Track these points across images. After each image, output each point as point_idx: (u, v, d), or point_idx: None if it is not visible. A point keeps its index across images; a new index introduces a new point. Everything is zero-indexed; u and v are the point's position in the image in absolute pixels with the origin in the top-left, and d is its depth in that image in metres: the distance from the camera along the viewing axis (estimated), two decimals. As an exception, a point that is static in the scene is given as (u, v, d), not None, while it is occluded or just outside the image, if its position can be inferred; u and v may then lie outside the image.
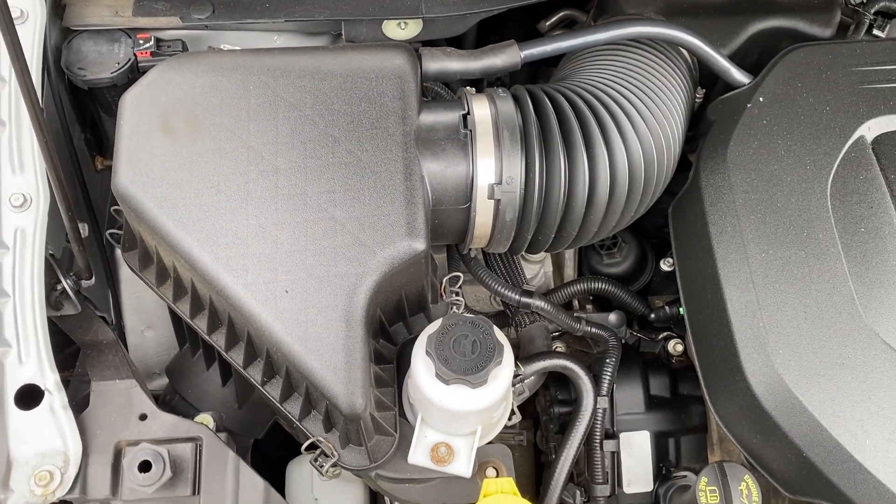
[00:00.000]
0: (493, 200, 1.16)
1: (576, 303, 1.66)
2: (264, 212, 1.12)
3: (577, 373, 1.36)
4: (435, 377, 1.07)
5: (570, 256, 1.72)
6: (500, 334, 1.14)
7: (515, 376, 1.34)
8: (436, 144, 1.16)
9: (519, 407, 1.71)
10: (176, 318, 1.42)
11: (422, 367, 1.10)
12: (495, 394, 1.10)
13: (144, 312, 1.59)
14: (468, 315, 1.10)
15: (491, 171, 1.16)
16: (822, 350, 1.17)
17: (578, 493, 1.42)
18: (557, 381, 1.54)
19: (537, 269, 1.66)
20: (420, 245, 1.10)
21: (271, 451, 1.63)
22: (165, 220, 1.12)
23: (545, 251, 1.29)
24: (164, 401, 1.44)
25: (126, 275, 1.57)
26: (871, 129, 1.33)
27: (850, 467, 1.13)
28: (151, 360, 1.62)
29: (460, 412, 1.10)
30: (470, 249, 1.46)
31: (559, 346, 1.57)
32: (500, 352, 1.07)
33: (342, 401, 1.06)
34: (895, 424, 1.13)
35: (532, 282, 1.66)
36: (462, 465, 1.16)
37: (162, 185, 1.14)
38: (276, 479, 1.61)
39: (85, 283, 1.45)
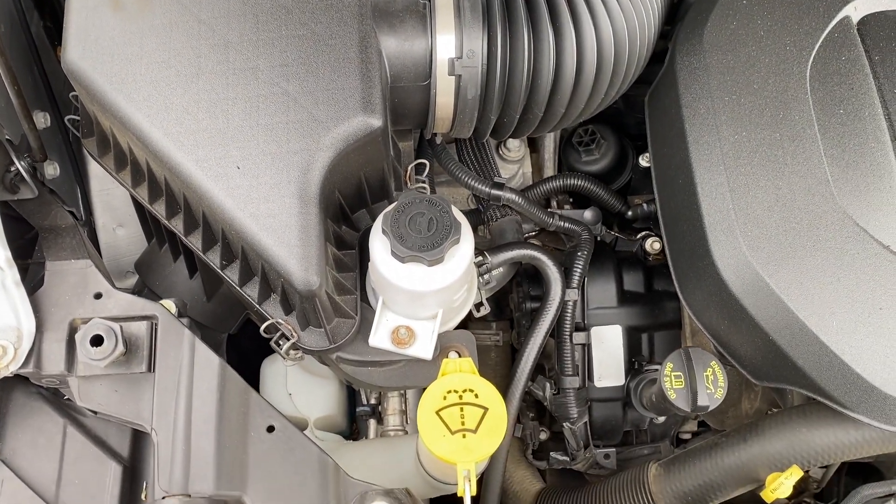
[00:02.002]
0: (453, 77, 1.12)
1: (554, 203, 1.62)
2: (215, 87, 1.08)
3: (544, 262, 1.34)
4: (390, 255, 1.05)
5: (549, 157, 1.68)
6: (458, 214, 1.12)
7: (481, 265, 1.32)
8: (393, 17, 1.11)
9: (496, 307, 1.71)
10: (142, 212, 1.41)
11: (378, 245, 1.08)
12: (453, 273, 1.08)
13: (116, 210, 1.57)
14: (425, 193, 1.08)
15: (451, 45, 1.12)
16: (793, 233, 1.14)
17: (548, 385, 1.42)
18: (531, 278, 1.53)
19: (515, 168, 1.62)
20: (376, 121, 1.07)
21: (247, 349, 1.64)
22: (116, 96, 1.09)
23: (512, 136, 1.25)
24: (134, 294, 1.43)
25: (95, 171, 1.54)
26: (857, 8, 1.27)
27: (816, 350, 1.11)
28: (125, 259, 1.61)
29: (417, 292, 1.08)
30: (441, 141, 1.42)
31: (534, 244, 1.54)
32: (456, 229, 1.05)
33: (297, 278, 1.04)
34: (863, 306, 1.11)
35: (511, 182, 1.63)
36: (423, 348, 1.15)
37: (112, 60, 1.10)
38: (252, 377, 1.62)
39: (49, 175, 1.43)
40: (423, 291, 1.08)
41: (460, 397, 1.08)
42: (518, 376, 1.32)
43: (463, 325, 1.73)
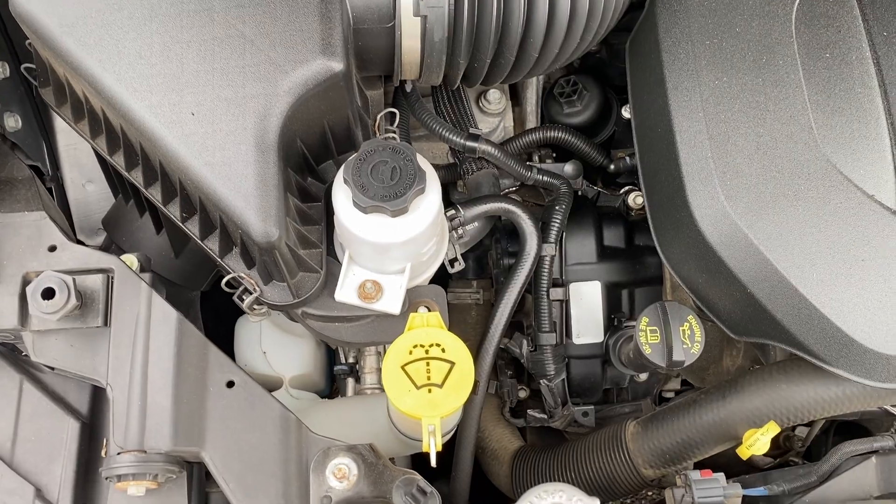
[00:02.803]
0: (419, 18, 1.07)
1: (536, 158, 1.58)
2: (169, 29, 1.03)
3: (519, 216, 1.30)
4: (353, 206, 1.01)
5: (532, 110, 1.62)
6: (424, 163, 1.07)
7: (453, 218, 1.28)
8: (355, -46, 1.06)
9: (476, 265, 1.68)
10: (106, 165, 1.36)
11: (341, 196, 1.04)
12: (418, 225, 1.04)
13: (83, 165, 1.53)
14: (389, 141, 1.03)
15: (416, -17, 1.06)
16: (774, 181, 1.10)
17: (525, 342, 1.39)
18: (509, 234, 1.49)
19: (496, 121, 1.57)
20: (337, 64, 1.02)
21: (222, 307, 1.60)
22: (66, 41, 1.04)
23: (484, 83, 1.20)
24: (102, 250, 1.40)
25: (62, 126, 1.50)
26: (847, -53, 1.21)
27: (795, 303, 1.08)
28: (96, 216, 1.57)
29: (382, 244, 1.04)
30: (415, 91, 1.38)
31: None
32: (421, 178, 1.01)
33: (254, 229, 1.01)
34: (845, 258, 1.07)
35: (492, 136, 1.58)
36: (391, 303, 1.12)
37: (61, 3, 1.05)
38: (227, 335, 1.59)
39: (11, 127, 1.39)
40: (387, 243, 1.04)
41: (426, 352, 1.05)
42: (491, 333, 1.28)
43: (443, 283, 1.71)
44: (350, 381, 1.60)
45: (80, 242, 1.58)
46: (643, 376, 1.51)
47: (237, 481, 0.97)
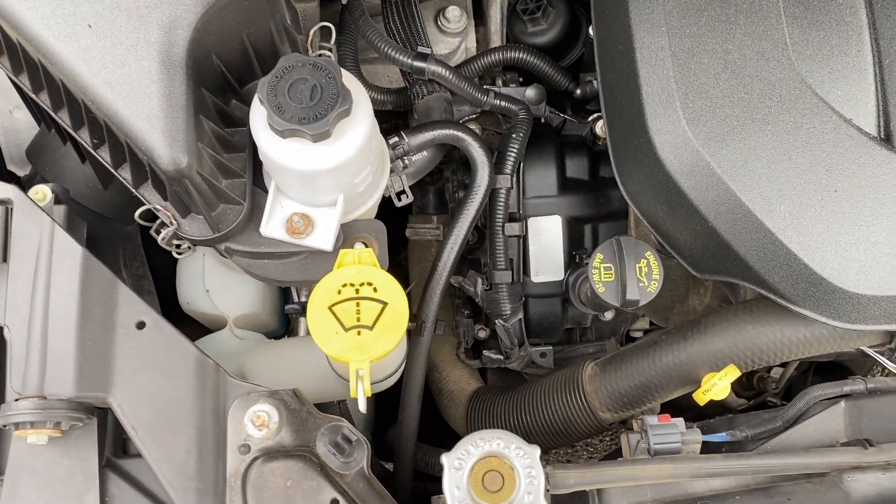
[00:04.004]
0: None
1: (500, 82, 1.46)
2: (60, -72, 0.92)
3: (469, 144, 1.20)
4: (269, 129, 0.91)
5: (496, 30, 1.50)
6: (353, 83, 0.97)
7: (396, 146, 1.18)
8: None
9: (437, 199, 1.58)
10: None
11: (258, 118, 0.94)
12: (344, 151, 0.94)
13: (9, 90, 1.42)
14: (309, 57, 0.92)
15: None
16: (741, 104, 0.99)
17: (480, 280, 1.30)
18: (465, 165, 1.38)
19: (457, 42, 1.45)
20: (251, -32, 0.91)
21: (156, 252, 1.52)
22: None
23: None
24: (24, 182, 1.31)
25: (-18, 47, 1.39)
26: None
27: (760, 238, 0.99)
28: (26, 144, 1.47)
29: (304, 172, 0.95)
30: (361, 6, 1.26)
31: (472, 128, 1.39)
32: (345, 99, 0.90)
33: (160, 155, 0.91)
34: (816, 189, 0.98)
35: (451, 59, 1.46)
36: (322, 238, 1.03)
37: None
38: (170, 274, 1.50)
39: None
40: (310, 171, 0.94)
41: (357, 291, 0.97)
42: (439, 271, 1.20)
43: (403, 218, 1.62)
44: (303, 321, 1.52)
45: (10, 174, 1.50)
46: (608, 315, 1.44)
47: (147, 429, 0.90)
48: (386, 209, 1.21)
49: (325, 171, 0.95)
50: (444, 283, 1.20)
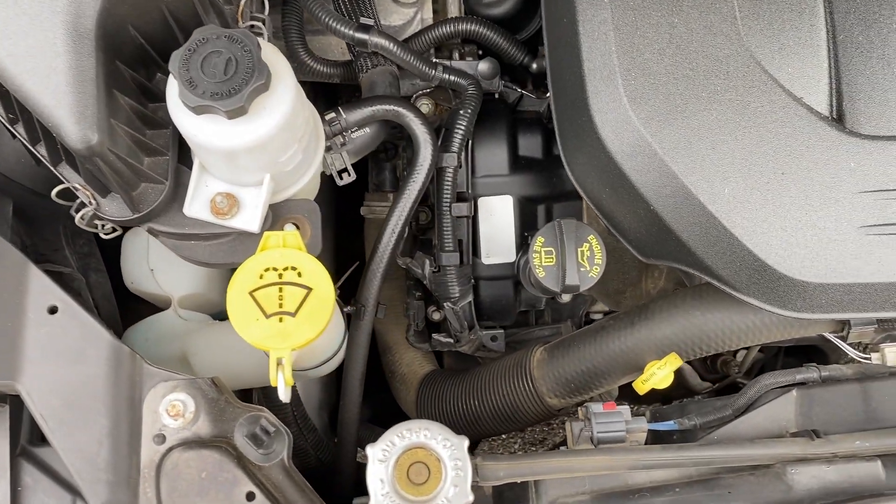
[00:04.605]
0: None
1: (456, 55, 1.40)
2: None
3: (410, 120, 1.15)
4: (182, 104, 0.87)
5: (453, 1, 1.44)
6: (275, 55, 0.92)
7: (333, 122, 1.13)
8: None
9: (393, 177, 1.53)
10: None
11: (173, 93, 0.89)
12: (263, 129, 0.89)
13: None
14: (225, 29, 0.87)
15: None
16: (686, 81, 0.94)
17: (428, 261, 1.26)
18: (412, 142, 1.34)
19: (411, 13, 1.39)
20: (161, -68, 0.85)
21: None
22: None
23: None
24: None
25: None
26: None
27: (703, 222, 0.95)
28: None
29: (222, 150, 0.90)
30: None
31: (424, 104, 1.34)
32: (261, 73, 0.85)
33: (68, 132, 0.86)
34: (762, 171, 0.93)
35: (406, 30, 1.40)
36: (247, 219, 0.99)
37: None
38: (114, 251, 1.46)
39: None
40: (227, 149, 0.90)
41: (280, 276, 0.93)
42: (380, 252, 1.16)
43: (359, 196, 1.57)
44: (254, 301, 1.49)
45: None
46: (566, 298, 1.39)
47: (56, 418, 0.87)
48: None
49: (244, 149, 0.90)
50: (385, 266, 1.16)
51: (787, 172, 0.93)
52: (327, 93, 1.53)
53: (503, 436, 2.51)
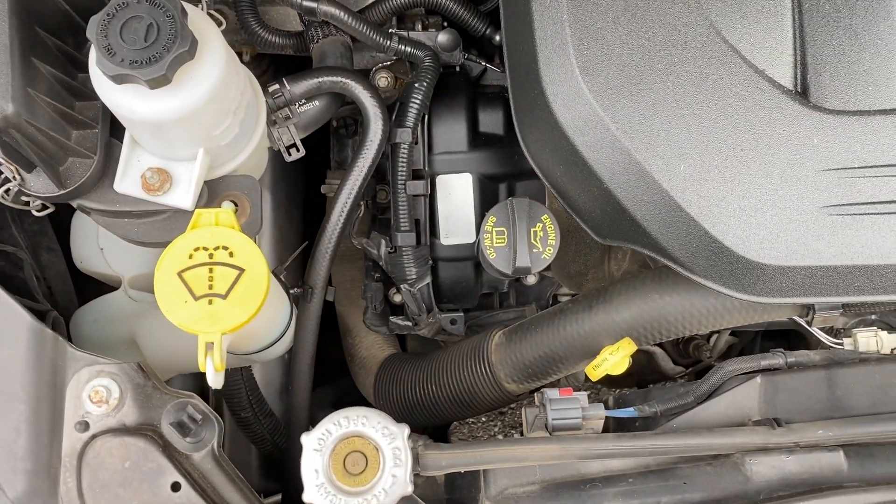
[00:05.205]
0: None
1: (419, 27, 1.34)
2: None
3: (360, 92, 1.09)
4: (102, 73, 0.82)
5: (417, -30, 1.38)
6: (203, 21, 0.87)
7: (276, 94, 1.08)
8: None
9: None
10: None
11: (94, 62, 0.84)
12: (191, 100, 0.84)
13: None
14: (151, -5, 0.82)
15: None
16: (641, 52, 0.89)
17: (383, 242, 1.21)
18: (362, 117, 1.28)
19: (371, -17, 1.33)
20: None
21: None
22: None
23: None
24: None
25: None
26: None
27: (657, 201, 0.90)
28: None
29: (147, 122, 0.85)
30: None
31: (383, 77, 1.29)
32: (184, 40, 0.80)
33: (-20, 103, 0.81)
34: (721, 147, 0.88)
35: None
36: (180, 196, 0.94)
37: None
38: (67, 230, 1.41)
39: None
40: (152, 122, 0.85)
41: (210, 256, 0.88)
42: (328, 232, 1.11)
43: (319, 175, 1.52)
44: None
45: None
46: (531, 279, 1.35)
47: (-29, 404, 0.83)
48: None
49: (170, 121, 0.85)
50: (333, 246, 1.11)
51: (747, 149, 0.88)
52: (294, 68, 1.47)
53: (483, 419, 2.48)
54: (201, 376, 1.46)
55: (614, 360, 0.96)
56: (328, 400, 1.62)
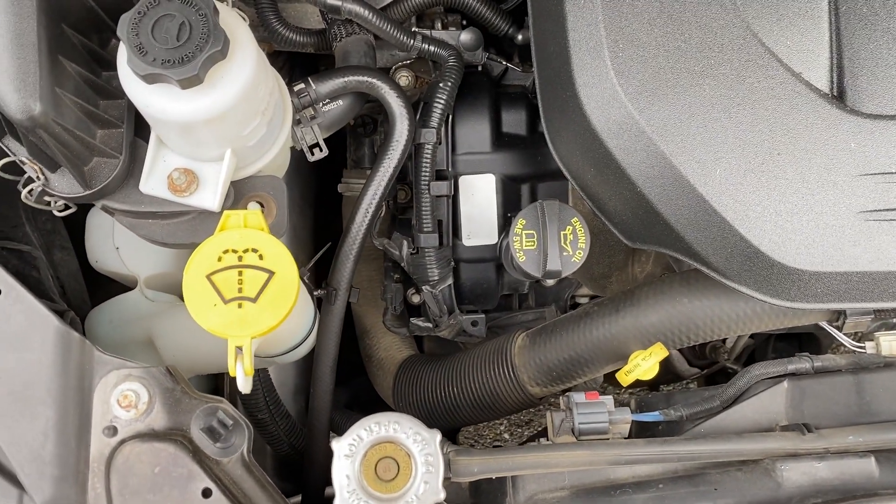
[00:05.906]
0: None
1: (439, 25, 1.33)
2: None
3: (386, 92, 1.08)
4: (132, 72, 0.80)
5: (436, -32, 1.37)
6: (234, 20, 0.85)
7: (302, 93, 1.06)
8: None
9: (373, 153, 1.46)
10: None
11: (123, 61, 0.83)
12: (222, 100, 0.83)
13: None
14: (182, -9, 0.80)
15: None
16: (677, 55, 0.88)
17: (406, 243, 1.20)
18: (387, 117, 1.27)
19: (390, -20, 1.32)
20: None
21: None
22: None
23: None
24: None
25: None
26: None
27: (693, 206, 0.89)
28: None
29: (177, 123, 0.84)
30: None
31: (404, 76, 1.27)
32: (217, 39, 0.79)
33: (9, 102, 0.80)
34: (758, 152, 0.87)
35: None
36: (206, 197, 0.92)
37: None
38: (79, 228, 1.40)
39: None
40: (182, 122, 0.83)
41: (240, 258, 0.87)
42: (352, 233, 1.10)
43: (330, 172, 1.50)
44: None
45: None
46: (550, 281, 1.34)
47: (-4, 408, 0.81)
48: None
49: (200, 121, 0.84)
50: (357, 247, 1.10)
51: (783, 153, 0.87)
52: (308, 65, 1.46)
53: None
54: (216, 377, 1.46)
55: (647, 365, 0.95)
56: (341, 401, 1.61)
